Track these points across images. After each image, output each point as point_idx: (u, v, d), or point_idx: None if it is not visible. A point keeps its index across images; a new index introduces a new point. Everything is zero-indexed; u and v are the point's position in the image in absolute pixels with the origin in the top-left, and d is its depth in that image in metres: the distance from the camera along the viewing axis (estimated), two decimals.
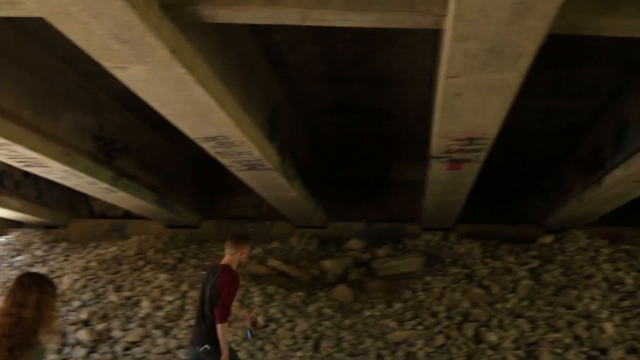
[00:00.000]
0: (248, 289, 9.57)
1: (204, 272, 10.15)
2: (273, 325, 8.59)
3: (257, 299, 9.22)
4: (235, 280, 5.49)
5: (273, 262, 10.69)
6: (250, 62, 6.92)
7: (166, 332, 8.55)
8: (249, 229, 12.57)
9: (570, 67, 7.71)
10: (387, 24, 4.38)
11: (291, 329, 8.40)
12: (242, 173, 8.39)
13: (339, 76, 8.10)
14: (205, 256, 11.21)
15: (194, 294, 9.47)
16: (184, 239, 12.21)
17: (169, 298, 9.44)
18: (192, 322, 5.73)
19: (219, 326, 5.29)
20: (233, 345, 6.99)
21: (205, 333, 5.42)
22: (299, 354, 7.90)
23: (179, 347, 8.14)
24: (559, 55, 7.29)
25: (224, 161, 7.80)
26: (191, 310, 9.02)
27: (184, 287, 9.74)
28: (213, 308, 5.35)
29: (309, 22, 4.41)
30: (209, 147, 7.15)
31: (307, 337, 8.27)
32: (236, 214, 13.01)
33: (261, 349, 8.10)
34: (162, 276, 10.09)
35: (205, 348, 5.35)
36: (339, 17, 4.30)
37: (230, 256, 5.60)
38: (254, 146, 7.02)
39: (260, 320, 6.52)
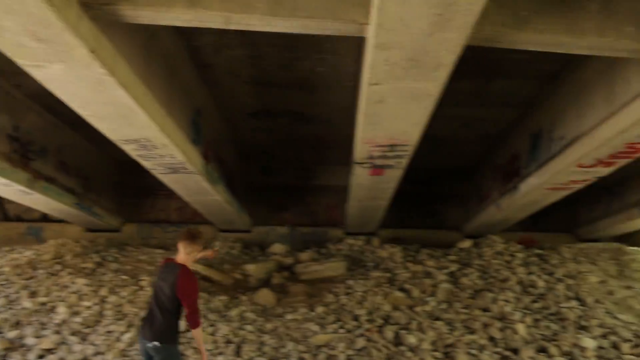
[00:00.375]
0: None
1: (124, 277, 9.99)
2: None
3: None
4: (196, 283, 5.52)
5: (195, 266, 10.55)
6: (174, 64, 6.84)
7: (83, 339, 8.30)
8: (171, 233, 12.41)
9: (488, 78, 8.00)
10: (311, 31, 4.44)
11: (213, 334, 8.32)
12: (164, 176, 8.27)
13: (265, 80, 8.11)
14: (127, 260, 10.96)
15: (114, 299, 9.26)
16: (104, 243, 11.89)
17: (86, 303, 9.17)
18: (143, 314, 5.63)
19: (195, 331, 5.43)
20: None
21: (157, 329, 5.38)
22: (220, 358, 7.83)
23: (96, 354, 7.92)
24: (477, 66, 7.57)
25: (146, 164, 7.67)
26: (109, 316, 8.80)
27: (103, 292, 9.49)
28: (172, 308, 5.37)
29: (233, 26, 4.42)
30: (130, 150, 7.02)
31: (228, 342, 8.20)
32: (159, 217, 12.79)
33: (182, 354, 7.97)
34: (80, 281, 9.79)
35: (155, 345, 5.33)
36: (263, 22, 4.33)
37: (185, 255, 5.56)
38: (177, 149, 6.94)
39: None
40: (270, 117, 9.57)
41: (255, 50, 7.13)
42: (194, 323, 5.40)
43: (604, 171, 7.79)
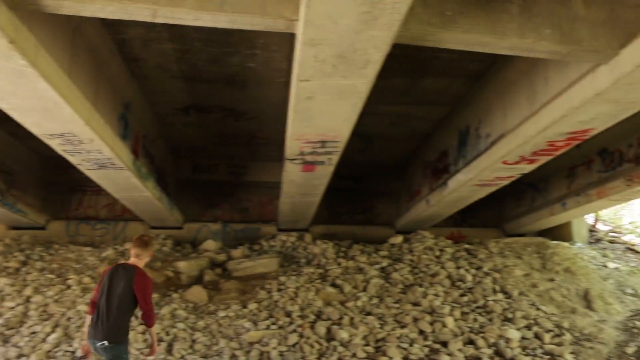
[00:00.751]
0: None
1: (50, 276, 9.68)
2: None
3: None
4: (151, 284, 5.75)
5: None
6: (101, 57, 6.68)
7: (5, 341, 8.02)
8: (100, 230, 12.14)
9: (418, 76, 8.14)
10: (239, 26, 4.41)
11: (143, 332, 8.17)
12: (92, 172, 8.07)
13: (195, 75, 8.01)
14: (53, 259, 10.62)
15: (39, 298, 8.97)
16: (29, 241, 11.47)
17: (9, 304, 8.85)
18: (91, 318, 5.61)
19: (151, 330, 5.77)
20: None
21: (107, 329, 5.43)
22: (150, 357, 7.70)
23: (19, 356, 7.67)
24: (408, 65, 7.69)
25: (73, 160, 7.47)
26: (34, 317, 8.53)
27: (27, 291, 9.17)
28: (125, 306, 5.53)
29: (159, 19, 4.35)
30: (55, 145, 6.81)
31: (159, 340, 8.09)
32: (87, 214, 12.47)
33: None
34: (3, 281, 9.44)
35: (104, 344, 5.38)
36: (191, 16, 4.27)
37: (137, 258, 5.81)
38: (104, 144, 6.78)
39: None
40: (201, 112, 9.47)
41: (184, 44, 7.03)
42: (150, 321, 5.67)
43: (528, 168, 8.06)
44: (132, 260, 5.81)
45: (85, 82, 6.13)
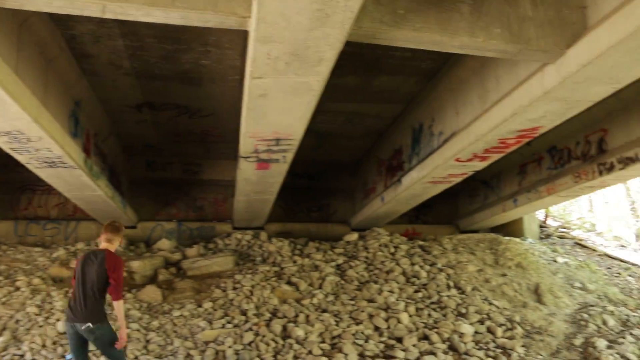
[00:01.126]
0: (49, 293, 8.99)
1: None
2: None
3: (59, 304, 8.69)
4: (122, 262, 6.00)
5: None
6: (50, 53, 6.53)
7: None
8: (51, 230, 11.89)
9: (372, 74, 8.18)
10: (191, 22, 4.36)
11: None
12: (41, 171, 7.88)
13: (148, 73, 7.90)
14: (0, 260, 10.34)
15: None
16: None
17: None
18: (68, 302, 5.92)
19: (117, 303, 5.80)
20: None
21: (89, 312, 5.69)
22: (102, 358, 7.57)
23: None
24: (362, 63, 7.73)
25: (20, 158, 7.28)
26: None
27: None
28: (99, 289, 5.75)
29: (109, 15, 4.27)
30: (1, 143, 6.62)
31: None
32: (37, 214, 12.19)
33: (62, 356, 7.66)
34: None
35: (88, 326, 5.65)
36: (141, 11, 4.20)
37: (109, 243, 6.00)
38: (54, 142, 6.62)
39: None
40: (155, 110, 9.34)
41: (136, 40, 6.92)
42: (117, 295, 5.79)
43: (480, 165, 8.19)
44: (104, 245, 6.00)
45: (34, 78, 5.98)
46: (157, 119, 9.74)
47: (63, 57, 6.99)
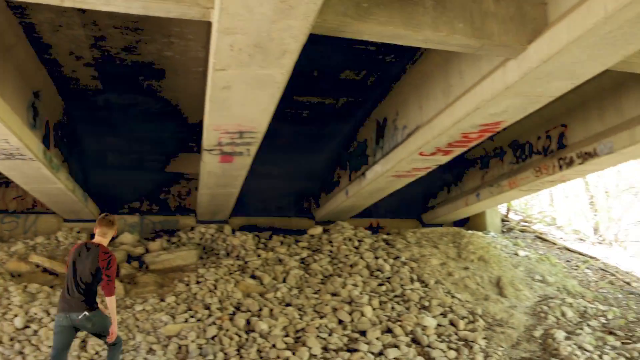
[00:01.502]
0: (7, 288, 8.78)
1: None
2: (35, 326, 8.00)
3: (17, 299, 8.51)
4: (115, 258, 6.13)
5: (36, 258, 9.94)
6: (7, 42, 6.37)
7: None
8: (9, 224, 11.63)
9: (337, 67, 8.18)
10: (153, 12, 4.28)
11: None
12: None
13: (109, 63, 7.77)
14: None
15: None
16: None
17: None
18: (62, 293, 6.06)
19: (109, 299, 5.95)
20: None
21: (83, 302, 5.87)
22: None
23: None
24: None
25: None
26: None
27: None
28: (93, 281, 5.95)
29: (68, 3, 4.16)
30: None
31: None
32: None
33: (20, 352, 7.51)
34: None
35: (85, 314, 5.83)
36: (101, 0, 4.11)
37: (103, 237, 6.15)
38: (11, 133, 6.46)
39: None
40: (118, 101, 9.19)
41: (97, 30, 6.80)
42: (110, 291, 5.94)
43: (444, 159, 8.27)
44: (98, 239, 6.14)
45: None
46: (120, 111, 9.58)
47: (20, 46, 6.83)
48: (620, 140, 7.71)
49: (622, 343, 8.52)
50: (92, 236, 6.43)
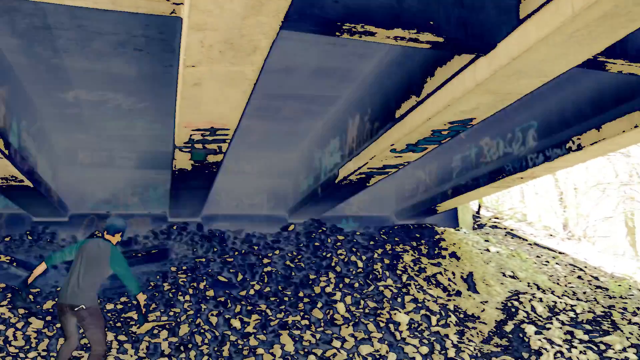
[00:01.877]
0: None
1: None
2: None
3: None
4: (123, 257, 6.38)
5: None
6: None
7: None
8: None
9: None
10: (121, 7, 4.23)
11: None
12: None
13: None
14: None
15: None
16: None
17: None
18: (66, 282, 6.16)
19: (140, 296, 6.33)
20: None
21: (85, 295, 6.01)
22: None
23: None
24: None
25: None
26: None
27: None
28: (97, 276, 6.16)
29: None
30: None
31: None
32: None
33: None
34: None
35: (82, 307, 5.95)
36: None
37: (111, 236, 6.46)
38: None
39: None
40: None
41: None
42: (136, 288, 6.31)
43: (415, 156, 8.31)
44: (107, 237, 6.46)
45: None
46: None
47: None
48: (587, 137, 7.83)
49: (590, 337, 8.64)
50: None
